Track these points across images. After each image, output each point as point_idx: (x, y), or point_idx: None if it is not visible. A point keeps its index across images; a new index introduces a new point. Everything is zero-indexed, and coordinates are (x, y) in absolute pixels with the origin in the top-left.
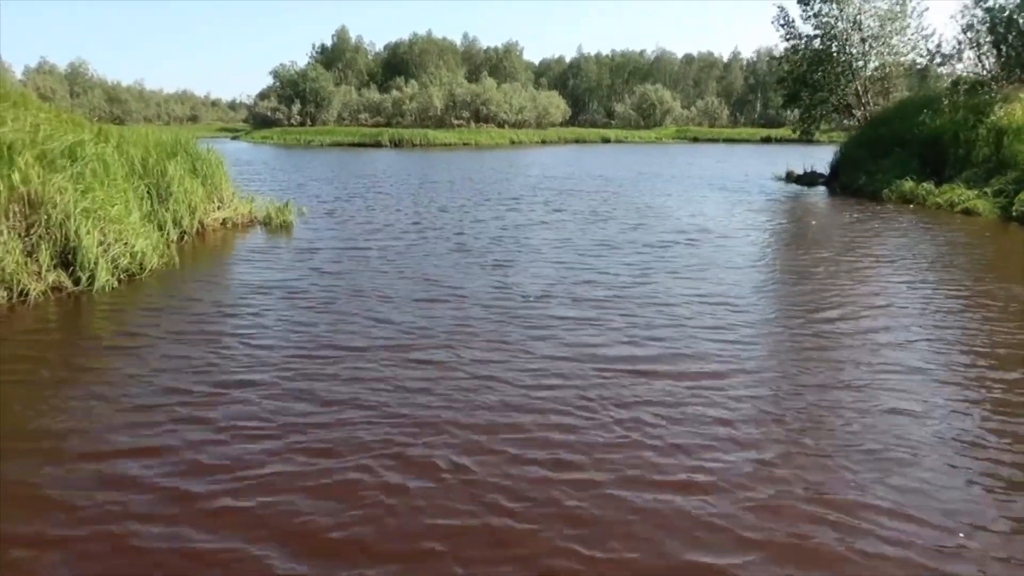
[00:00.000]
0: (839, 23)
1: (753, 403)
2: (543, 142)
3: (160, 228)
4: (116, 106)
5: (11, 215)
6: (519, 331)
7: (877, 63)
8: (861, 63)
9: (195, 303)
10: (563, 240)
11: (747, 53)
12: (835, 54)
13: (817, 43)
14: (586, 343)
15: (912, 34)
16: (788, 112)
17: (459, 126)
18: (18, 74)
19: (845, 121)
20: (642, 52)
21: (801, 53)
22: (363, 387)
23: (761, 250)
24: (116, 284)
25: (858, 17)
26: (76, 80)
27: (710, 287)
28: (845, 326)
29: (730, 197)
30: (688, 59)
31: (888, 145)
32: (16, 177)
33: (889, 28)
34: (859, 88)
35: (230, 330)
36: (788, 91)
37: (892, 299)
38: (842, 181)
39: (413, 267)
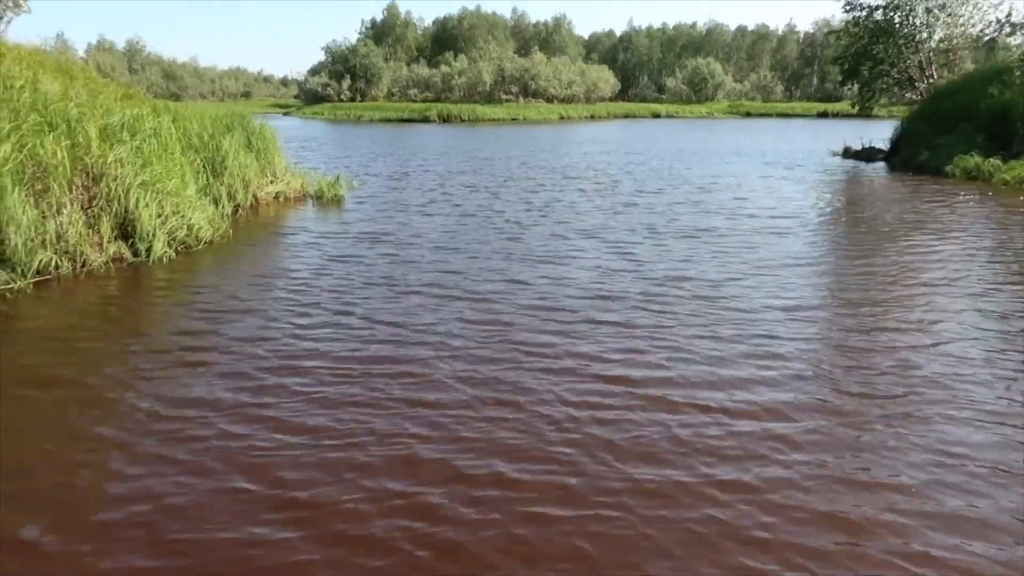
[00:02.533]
0: None
1: (821, 458)
2: (592, 117)
3: (215, 201)
4: (172, 82)
5: (74, 188)
6: (560, 340)
7: (942, 34)
8: (925, 34)
9: (234, 288)
10: (619, 227)
11: (803, 25)
12: (898, 25)
13: (879, 14)
14: (631, 362)
15: (980, 2)
16: (847, 87)
17: (508, 101)
18: (80, 52)
19: (907, 95)
20: (694, 24)
21: (862, 25)
22: (382, 414)
23: (832, 240)
24: (173, 255)
25: None
26: (134, 57)
27: (782, 288)
28: (932, 353)
29: (789, 175)
30: (741, 31)
31: (952, 119)
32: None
33: None
34: (922, 60)
35: (255, 331)
36: (848, 66)
37: (976, 305)
38: (903, 156)
39: (456, 257)
